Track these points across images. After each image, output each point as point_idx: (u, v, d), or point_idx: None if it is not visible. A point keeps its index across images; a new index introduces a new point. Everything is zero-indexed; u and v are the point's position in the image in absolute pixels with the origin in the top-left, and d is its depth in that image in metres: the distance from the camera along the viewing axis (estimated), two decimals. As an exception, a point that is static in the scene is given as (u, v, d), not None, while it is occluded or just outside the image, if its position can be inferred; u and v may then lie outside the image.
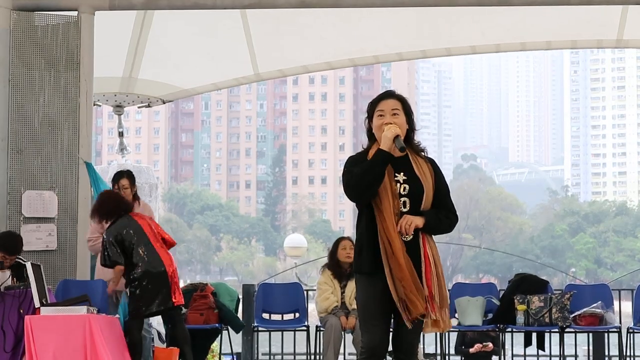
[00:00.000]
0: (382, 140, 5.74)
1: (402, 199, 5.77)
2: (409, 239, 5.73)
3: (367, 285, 5.79)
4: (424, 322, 5.78)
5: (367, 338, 5.76)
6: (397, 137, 5.72)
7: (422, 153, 5.93)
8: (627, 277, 57.07)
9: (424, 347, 11.38)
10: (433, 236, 5.88)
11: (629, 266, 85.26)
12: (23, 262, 8.67)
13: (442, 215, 5.82)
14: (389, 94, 5.93)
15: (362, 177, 5.70)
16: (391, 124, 5.77)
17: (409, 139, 5.89)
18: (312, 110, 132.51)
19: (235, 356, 11.45)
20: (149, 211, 9.73)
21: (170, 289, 9.10)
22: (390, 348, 5.91)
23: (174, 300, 9.15)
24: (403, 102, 5.89)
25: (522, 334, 10.75)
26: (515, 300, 10.48)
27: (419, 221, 5.72)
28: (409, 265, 5.67)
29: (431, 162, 5.91)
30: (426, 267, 5.74)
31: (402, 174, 5.80)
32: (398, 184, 5.78)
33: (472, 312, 10.54)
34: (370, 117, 5.90)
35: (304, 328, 10.73)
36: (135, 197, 9.75)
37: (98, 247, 9.61)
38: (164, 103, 12.57)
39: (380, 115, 5.83)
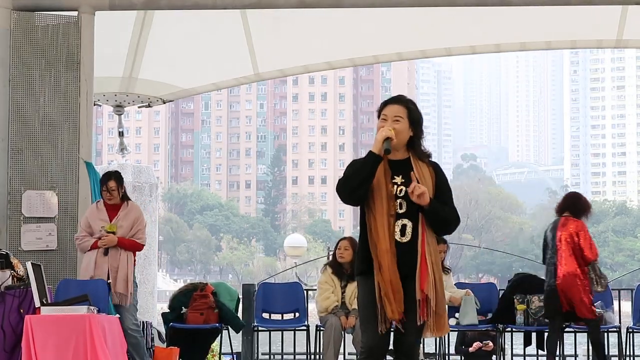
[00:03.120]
0: (374, 143, 5.77)
1: (399, 201, 5.78)
2: (405, 241, 5.74)
3: (364, 286, 5.81)
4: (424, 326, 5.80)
5: (366, 338, 5.78)
6: (386, 139, 5.73)
7: (426, 159, 5.92)
8: (626, 277, 57.05)
9: (423, 347, 11.39)
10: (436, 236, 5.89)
11: (628, 266, 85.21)
12: (4, 253, 8.69)
13: (448, 208, 5.82)
14: (396, 99, 5.92)
15: (350, 179, 5.74)
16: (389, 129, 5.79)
17: (413, 145, 5.89)
18: (312, 110, 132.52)
19: (235, 356, 11.45)
20: (134, 212, 9.58)
21: (556, 301, 9.84)
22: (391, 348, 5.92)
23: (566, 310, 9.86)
24: (409, 109, 5.87)
25: (522, 334, 10.76)
26: (515, 300, 10.49)
27: (427, 194, 5.68)
28: (392, 269, 5.67)
29: (434, 167, 5.90)
30: (422, 270, 5.72)
31: (400, 176, 5.81)
32: (395, 186, 5.79)
33: (468, 311, 10.55)
34: (378, 118, 5.93)
35: (304, 328, 10.73)
36: (124, 198, 9.65)
37: (84, 246, 9.53)
38: (164, 103, 12.56)
39: (383, 120, 5.85)
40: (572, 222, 10.13)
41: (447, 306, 8.44)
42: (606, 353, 12.00)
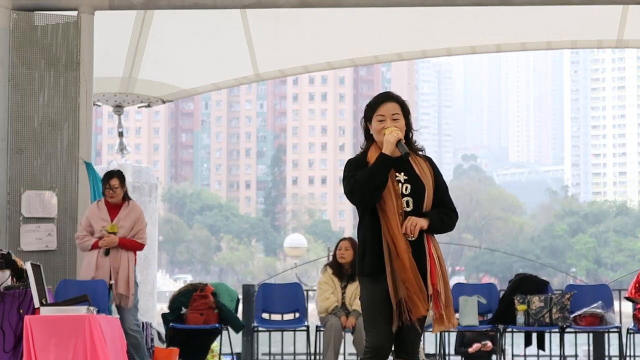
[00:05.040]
0: (384, 144, 5.74)
1: (405, 199, 5.78)
2: (414, 238, 5.75)
3: (371, 286, 5.80)
4: (432, 321, 5.81)
5: (371, 338, 5.77)
6: (399, 141, 5.72)
7: (420, 152, 5.94)
8: (627, 277, 56.95)
9: (424, 348, 11.38)
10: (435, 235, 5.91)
11: (629, 266, 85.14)
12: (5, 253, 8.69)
13: (443, 214, 5.83)
14: (388, 97, 5.90)
15: (367, 183, 5.70)
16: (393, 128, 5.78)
17: (407, 139, 5.90)
18: (312, 110, 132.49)
19: (235, 356, 11.44)
20: (135, 212, 9.60)
21: None
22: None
23: None
24: (402, 104, 5.89)
25: (523, 334, 10.75)
26: (516, 301, 10.48)
27: (423, 222, 5.73)
28: (413, 267, 5.69)
29: (429, 161, 5.92)
30: (431, 266, 5.75)
31: (402, 173, 5.81)
32: (400, 184, 5.79)
33: (469, 312, 10.55)
34: (367, 119, 5.89)
35: (304, 328, 10.73)
36: (125, 198, 9.66)
37: (85, 245, 9.54)
38: (164, 103, 12.56)
39: (381, 120, 5.83)
40: None
41: None
42: (606, 353, 12.02)
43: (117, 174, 9.64)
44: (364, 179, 5.71)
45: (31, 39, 10.09)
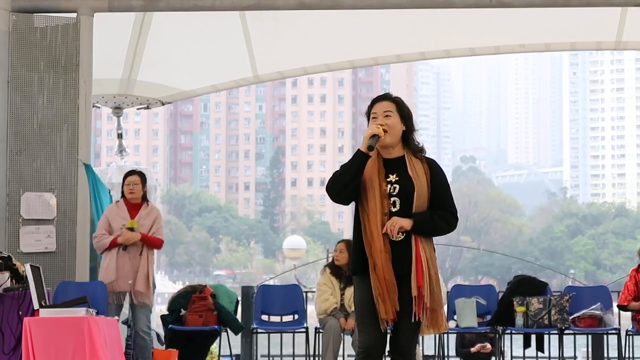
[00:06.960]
0: (363, 140, 5.77)
1: (392, 199, 5.77)
2: (399, 239, 5.73)
3: (360, 286, 5.82)
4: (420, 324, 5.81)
5: (363, 338, 5.78)
6: (373, 136, 5.72)
7: (420, 154, 5.92)
8: (626, 279, 56.94)
9: (423, 349, 11.38)
10: (432, 237, 5.88)
11: (628, 268, 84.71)
12: (6, 255, 8.67)
13: (437, 216, 5.79)
14: (383, 97, 5.94)
15: (338, 177, 5.75)
16: (381, 124, 5.78)
17: (407, 140, 5.89)
18: (311, 112, 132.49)
19: (234, 358, 11.44)
20: (155, 212, 9.64)
21: None
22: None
23: None
24: (398, 103, 5.89)
25: (521, 336, 10.76)
26: (515, 302, 10.49)
27: (405, 223, 5.70)
28: (385, 268, 5.67)
29: (429, 162, 5.89)
30: (417, 267, 5.72)
31: (394, 174, 5.81)
32: (389, 185, 5.78)
33: (467, 314, 10.55)
34: (368, 121, 5.93)
35: (303, 330, 10.73)
36: (144, 199, 9.70)
37: (102, 243, 9.56)
38: (163, 105, 12.56)
39: (374, 118, 5.86)
40: None
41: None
42: (605, 355, 12.02)
43: (137, 172, 9.73)
44: (338, 174, 5.75)
45: (30, 40, 10.09)
